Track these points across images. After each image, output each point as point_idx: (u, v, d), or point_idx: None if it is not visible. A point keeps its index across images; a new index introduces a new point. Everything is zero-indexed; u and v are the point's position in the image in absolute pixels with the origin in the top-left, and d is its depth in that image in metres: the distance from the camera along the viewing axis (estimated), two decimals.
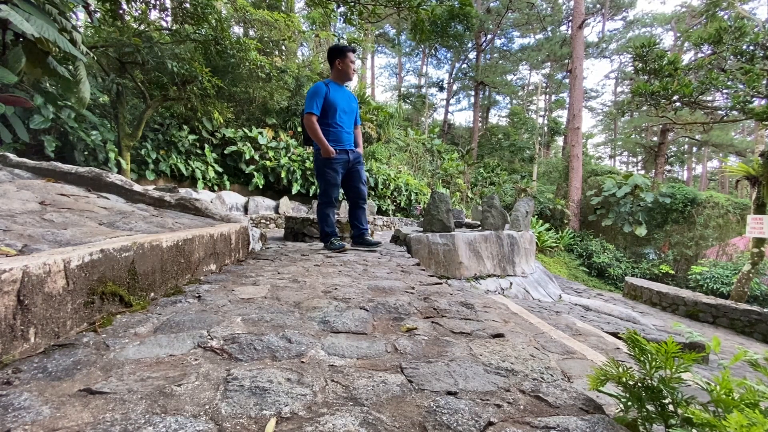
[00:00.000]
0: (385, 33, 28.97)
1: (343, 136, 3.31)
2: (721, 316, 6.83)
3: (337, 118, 3.26)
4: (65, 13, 3.12)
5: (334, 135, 3.26)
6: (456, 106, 43.65)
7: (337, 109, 3.24)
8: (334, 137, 3.25)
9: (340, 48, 3.28)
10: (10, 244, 1.22)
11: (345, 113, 3.31)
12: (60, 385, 0.83)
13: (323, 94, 3.19)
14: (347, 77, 3.34)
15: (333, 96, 3.22)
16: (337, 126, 3.28)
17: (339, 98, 3.27)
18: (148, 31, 7.25)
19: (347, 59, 3.26)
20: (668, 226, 15.00)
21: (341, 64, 3.26)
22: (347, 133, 3.35)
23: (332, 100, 3.21)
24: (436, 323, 1.46)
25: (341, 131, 3.30)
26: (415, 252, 4.57)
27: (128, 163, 6.95)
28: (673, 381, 0.84)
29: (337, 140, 3.27)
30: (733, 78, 7.61)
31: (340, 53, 3.26)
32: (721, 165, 25.10)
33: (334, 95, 3.23)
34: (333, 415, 0.78)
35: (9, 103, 3.48)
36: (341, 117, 3.28)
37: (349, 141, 3.36)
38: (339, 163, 3.29)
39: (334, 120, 3.25)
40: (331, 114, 3.23)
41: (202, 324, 1.26)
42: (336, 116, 3.25)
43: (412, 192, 13.17)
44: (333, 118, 3.24)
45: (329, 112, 3.23)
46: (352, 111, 3.40)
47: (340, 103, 3.27)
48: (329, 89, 3.22)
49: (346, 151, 3.33)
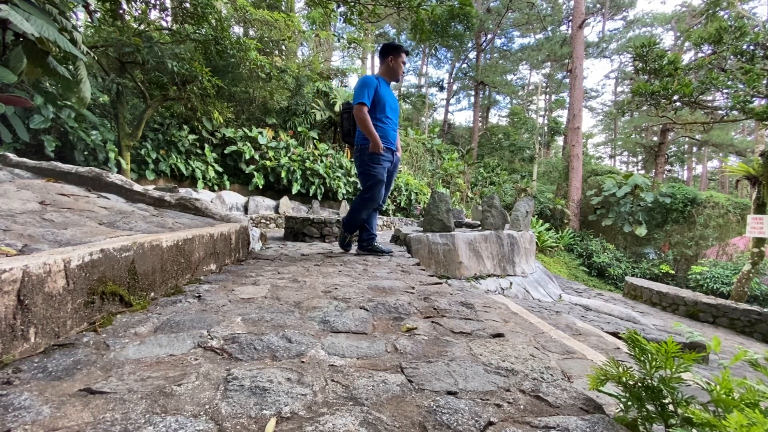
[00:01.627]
0: (385, 33, 28.94)
1: (390, 133, 3.12)
2: (721, 316, 6.83)
3: (386, 115, 3.09)
4: (65, 13, 3.11)
5: (382, 131, 3.06)
6: (456, 106, 43.70)
7: (386, 105, 3.07)
8: (382, 133, 3.05)
9: (396, 46, 3.14)
10: (10, 244, 1.22)
11: (393, 111, 3.14)
12: (60, 385, 0.83)
13: (374, 87, 3.01)
14: (395, 76, 3.16)
15: (383, 91, 3.06)
16: (386, 122, 3.10)
17: (388, 94, 3.11)
18: (148, 30, 7.24)
19: (400, 58, 3.12)
20: (668, 226, 15.00)
21: (393, 62, 3.11)
22: (394, 131, 3.16)
23: (382, 94, 3.04)
24: (436, 323, 1.46)
25: (389, 128, 3.11)
26: (415, 252, 4.57)
27: (128, 163, 6.95)
28: (673, 381, 0.84)
29: (385, 136, 3.08)
30: (733, 78, 7.61)
31: (395, 50, 3.12)
32: (721, 165, 25.10)
33: (384, 90, 3.07)
34: (333, 414, 0.78)
35: (9, 103, 3.47)
36: (391, 115, 3.12)
37: (395, 140, 3.18)
38: (386, 160, 3.09)
39: (383, 115, 3.07)
40: (380, 108, 3.05)
41: (202, 324, 1.26)
42: (385, 112, 3.08)
43: (412, 192, 13.17)
44: (382, 113, 3.07)
45: (378, 106, 3.04)
46: (397, 111, 3.24)
47: (389, 99, 3.10)
48: (380, 83, 3.06)
49: (392, 151, 3.14)
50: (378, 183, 3.07)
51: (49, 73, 3.06)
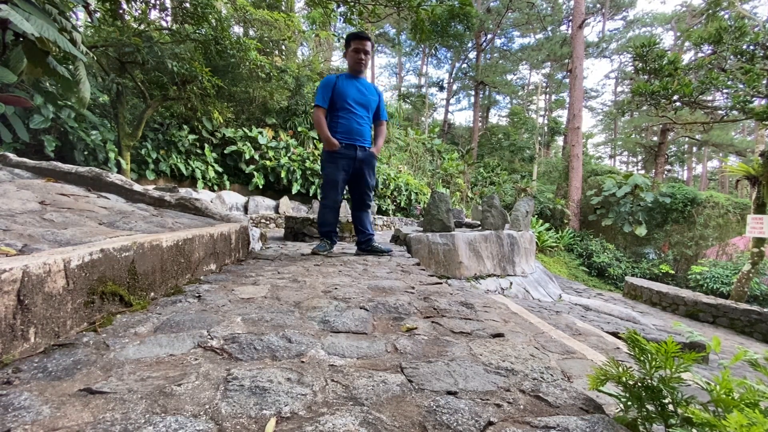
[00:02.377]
0: (385, 33, 28.96)
1: (353, 128, 2.99)
2: (721, 316, 6.83)
3: (347, 110, 2.98)
4: (65, 13, 3.11)
5: (343, 127, 2.97)
6: (456, 106, 43.71)
7: (347, 99, 2.97)
8: (342, 129, 2.97)
9: (348, 36, 3.03)
10: (10, 244, 1.22)
11: (359, 105, 3.01)
12: (60, 385, 0.83)
13: (331, 86, 2.98)
14: (355, 67, 3.02)
15: (342, 86, 2.98)
16: (348, 116, 2.99)
17: (349, 88, 3.00)
18: (148, 30, 7.24)
19: (350, 48, 2.98)
20: (668, 226, 15.00)
21: (348, 54, 3.03)
22: (359, 125, 3.01)
23: (341, 89, 2.97)
24: (436, 323, 1.46)
25: (352, 122, 2.99)
26: (415, 252, 4.57)
27: (128, 163, 6.95)
28: (673, 381, 0.84)
29: (346, 133, 2.97)
30: (733, 78, 7.61)
31: (347, 41, 3.02)
32: (721, 165, 25.10)
33: (342, 85, 2.98)
34: (333, 414, 0.78)
35: (9, 103, 3.47)
36: (354, 108, 2.99)
37: (361, 135, 3.02)
38: (342, 158, 2.97)
39: (343, 111, 2.98)
40: (340, 105, 2.97)
41: (202, 324, 1.26)
42: (345, 107, 2.98)
43: (412, 192, 13.17)
44: (342, 109, 2.98)
45: (338, 103, 2.98)
46: (367, 103, 3.06)
47: (351, 93, 2.99)
48: (338, 80, 3.00)
49: (355, 147, 2.99)
50: (329, 183, 3.02)
51: (49, 73, 3.06)
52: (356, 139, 3.00)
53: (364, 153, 3.05)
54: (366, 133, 3.06)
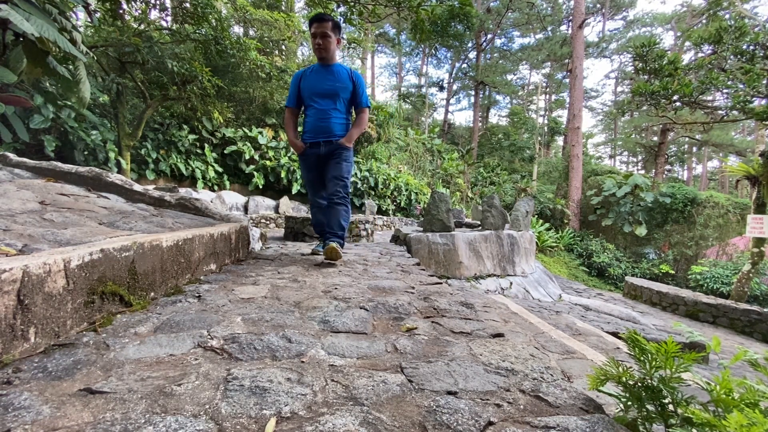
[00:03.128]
0: (385, 33, 28.95)
1: (315, 125, 2.78)
2: (721, 316, 6.83)
3: (310, 106, 2.79)
4: (65, 13, 3.11)
5: (308, 125, 2.82)
6: (456, 106, 43.75)
7: (313, 93, 2.77)
8: (308, 128, 2.82)
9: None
10: (10, 244, 1.22)
11: (322, 96, 2.76)
12: (60, 385, 0.83)
13: (296, 82, 2.83)
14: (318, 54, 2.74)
15: (307, 80, 2.80)
16: (311, 114, 2.81)
17: (315, 81, 2.77)
18: (148, 30, 7.25)
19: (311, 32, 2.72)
20: (668, 226, 15.00)
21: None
22: (323, 119, 2.77)
23: (306, 84, 2.80)
24: (436, 323, 1.46)
25: (315, 120, 2.79)
26: (415, 252, 4.57)
27: (128, 163, 6.95)
28: (673, 381, 0.84)
29: (310, 131, 2.80)
30: (733, 78, 7.61)
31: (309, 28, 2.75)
32: (721, 165, 25.10)
33: (308, 79, 2.80)
34: (333, 414, 0.78)
35: (9, 103, 3.47)
36: (316, 102, 2.76)
37: (325, 131, 2.78)
38: (308, 158, 2.83)
39: (309, 108, 2.82)
40: (306, 101, 2.82)
41: (202, 324, 1.26)
42: (309, 103, 2.80)
43: (412, 192, 13.17)
44: (307, 106, 2.82)
45: (304, 100, 2.83)
46: (333, 92, 2.77)
47: (316, 85, 2.76)
48: (304, 74, 2.83)
49: (318, 144, 2.78)
50: (305, 184, 3.05)
51: (49, 73, 3.06)
52: (320, 136, 2.79)
53: (329, 146, 2.79)
54: (333, 126, 2.79)
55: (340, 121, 2.81)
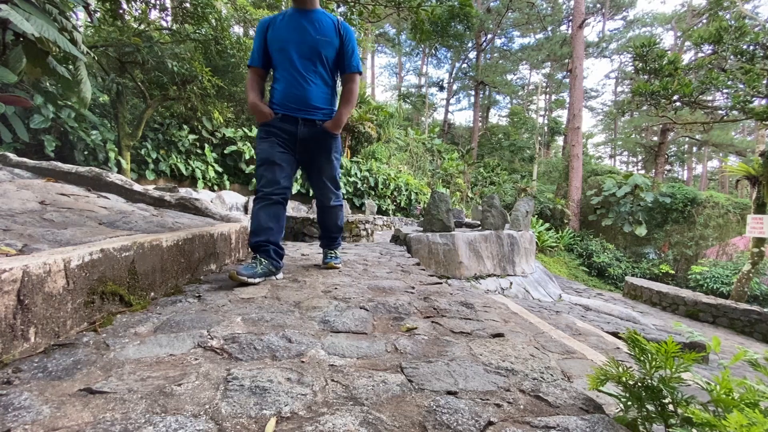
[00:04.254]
0: (385, 33, 28.95)
1: (291, 93, 2.03)
2: (721, 316, 6.83)
3: (283, 65, 2.03)
4: (65, 13, 3.11)
5: (278, 93, 2.06)
6: (456, 106, 43.65)
7: (284, 48, 2.01)
8: (277, 96, 2.06)
9: None
10: (10, 244, 1.22)
11: (298, 54, 2.00)
12: (60, 385, 0.83)
13: (262, 32, 2.07)
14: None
15: (277, 30, 2.03)
16: (283, 77, 2.04)
17: (287, 31, 2.02)
18: (148, 30, 7.25)
19: None
20: (668, 226, 15.00)
21: None
22: (302, 87, 2.02)
23: (275, 35, 2.03)
24: (436, 323, 1.46)
25: (289, 85, 2.03)
26: (415, 252, 4.57)
27: (128, 163, 6.95)
28: (673, 381, 0.84)
29: (281, 101, 2.05)
30: (734, 78, 7.61)
31: None
32: (721, 165, 25.11)
33: (277, 29, 2.03)
34: (333, 414, 0.78)
35: (9, 103, 3.47)
36: (293, 60, 2.00)
37: (304, 102, 2.04)
38: (275, 134, 2.03)
39: (280, 68, 2.05)
40: (275, 58, 2.05)
41: (202, 323, 1.26)
42: (281, 61, 2.03)
43: (412, 192, 13.17)
44: (279, 65, 2.05)
45: (273, 58, 2.07)
46: (313, 47, 2.01)
47: (289, 37, 2.00)
48: (273, 22, 2.06)
49: (295, 120, 2.04)
50: (262, 163, 2.04)
51: (49, 73, 3.06)
52: (296, 109, 2.04)
53: (312, 130, 2.07)
54: (315, 96, 2.05)
55: (321, 91, 2.08)
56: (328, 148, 2.16)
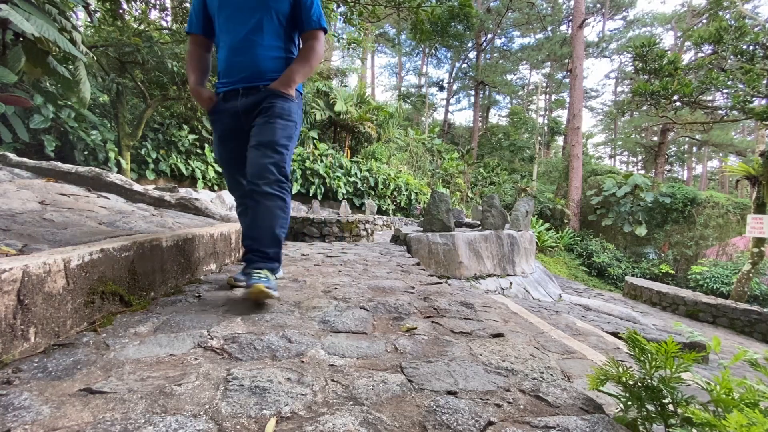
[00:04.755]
0: (385, 33, 28.95)
1: (231, 61, 1.68)
2: (721, 316, 6.83)
3: (224, 29, 1.69)
4: (65, 13, 3.11)
5: (222, 64, 1.72)
6: (456, 106, 43.70)
7: (227, 10, 1.66)
8: (222, 68, 1.73)
9: None
10: (10, 244, 1.22)
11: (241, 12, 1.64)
12: (60, 385, 0.83)
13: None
14: None
15: None
16: (226, 44, 1.69)
17: None
18: (148, 30, 7.25)
19: None
20: (668, 226, 15.00)
21: None
22: (241, 51, 1.66)
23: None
24: (436, 323, 1.46)
25: (228, 53, 1.68)
26: (415, 252, 4.57)
27: (128, 163, 6.95)
28: (673, 381, 0.84)
29: (226, 74, 1.71)
30: (733, 78, 7.61)
31: None
32: (721, 165, 25.12)
33: None
34: (333, 414, 0.78)
35: (9, 103, 3.48)
36: (233, 20, 1.65)
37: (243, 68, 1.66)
38: (221, 119, 1.75)
39: (222, 34, 1.70)
40: (218, 25, 1.72)
41: (202, 323, 1.26)
42: (222, 26, 1.69)
43: (412, 192, 13.18)
44: (220, 31, 1.71)
45: (214, 18, 1.72)
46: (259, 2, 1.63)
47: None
48: None
49: (236, 92, 1.68)
50: (221, 164, 1.87)
51: (49, 73, 3.06)
52: (238, 81, 1.68)
53: (254, 96, 1.66)
54: (259, 61, 1.66)
55: (271, 54, 1.68)
56: (270, 109, 1.63)
